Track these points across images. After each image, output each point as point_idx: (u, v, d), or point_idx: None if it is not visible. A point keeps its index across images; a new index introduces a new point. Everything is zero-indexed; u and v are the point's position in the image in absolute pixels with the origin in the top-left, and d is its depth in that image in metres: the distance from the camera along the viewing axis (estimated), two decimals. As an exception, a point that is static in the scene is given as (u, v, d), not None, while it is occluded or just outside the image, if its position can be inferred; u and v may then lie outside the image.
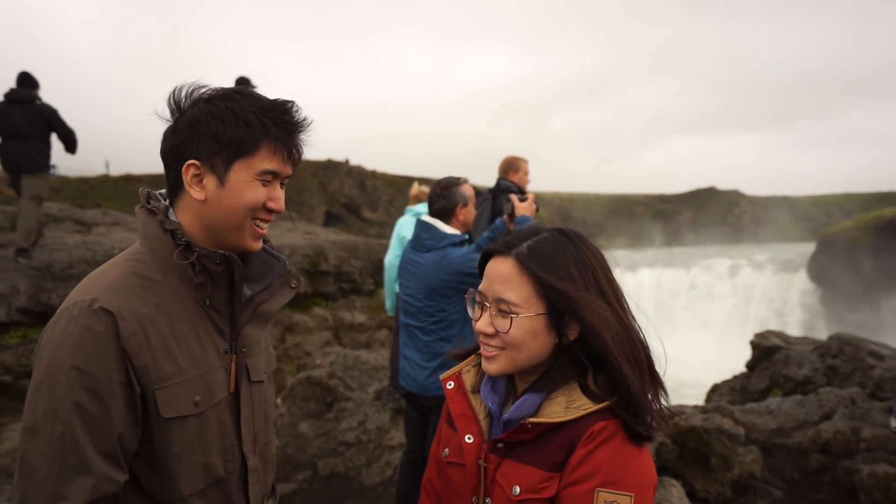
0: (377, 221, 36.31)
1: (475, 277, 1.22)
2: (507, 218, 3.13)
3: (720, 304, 22.88)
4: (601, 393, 1.08)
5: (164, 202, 1.18)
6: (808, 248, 27.95)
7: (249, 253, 1.21)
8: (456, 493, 1.20)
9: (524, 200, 3.19)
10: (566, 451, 1.06)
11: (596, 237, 1.22)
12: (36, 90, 6.24)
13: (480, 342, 1.16)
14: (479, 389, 1.23)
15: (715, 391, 6.63)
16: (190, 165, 1.11)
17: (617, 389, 1.06)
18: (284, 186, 1.20)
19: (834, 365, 5.67)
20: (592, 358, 1.10)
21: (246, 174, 1.12)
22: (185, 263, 1.12)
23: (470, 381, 1.25)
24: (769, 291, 22.58)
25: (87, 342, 1.01)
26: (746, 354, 6.64)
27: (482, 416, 1.20)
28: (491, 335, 1.12)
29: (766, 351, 6.32)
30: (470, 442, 1.16)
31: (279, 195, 1.17)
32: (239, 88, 1.15)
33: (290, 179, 1.21)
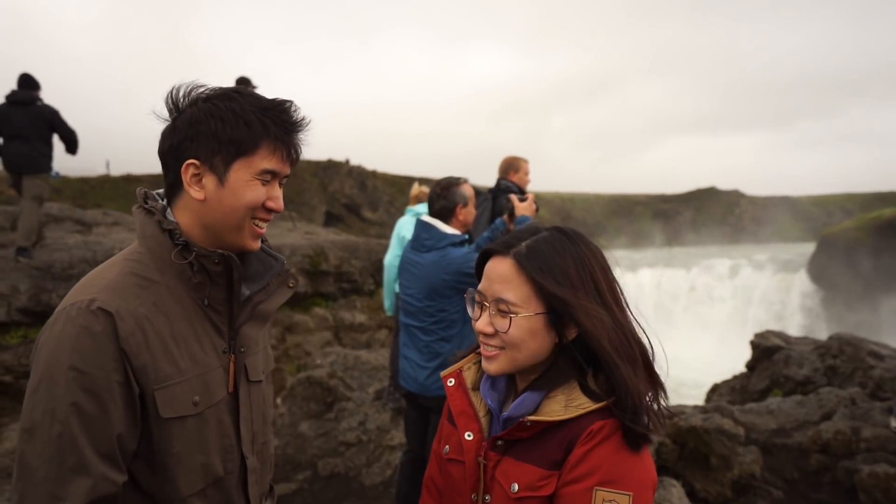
0: (377, 221, 36.28)
1: (475, 277, 1.22)
2: (506, 218, 3.13)
3: (720, 304, 22.87)
4: (601, 392, 1.08)
5: (161, 202, 1.18)
6: (808, 248, 27.93)
7: (248, 252, 1.21)
8: (456, 489, 1.20)
9: (524, 200, 3.19)
10: (565, 449, 1.06)
11: (596, 237, 1.22)
12: (37, 91, 6.27)
13: (480, 342, 1.16)
14: (479, 387, 1.23)
15: (715, 391, 6.63)
16: (189, 165, 1.11)
17: (616, 389, 1.06)
18: (282, 186, 1.20)
19: (834, 365, 5.67)
20: (592, 357, 1.10)
21: (246, 173, 1.12)
22: (183, 263, 1.12)
23: (470, 378, 1.25)
24: (769, 291, 22.57)
25: (85, 342, 1.01)
26: (746, 354, 6.64)
27: (482, 413, 1.20)
28: (490, 335, 1.12)
29: (766, 351, 6.32)
30: (470, 439, 1.16)
31: (278, 194, 1.17)
32: (237, 88, 1.15)
33: (290, 179, 1.21)
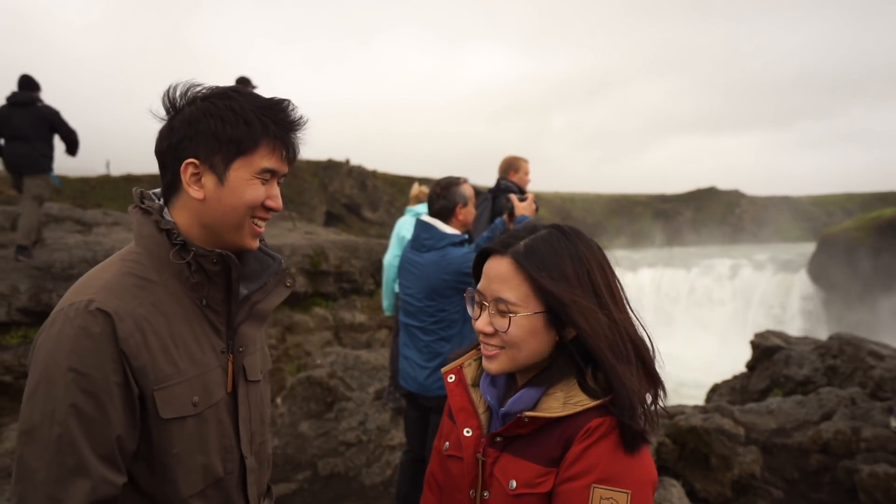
0: (378, 221, 36.28)
1: (473, 277, 1.22)
2: (506, 218, 3.13)
3: (720, 305, 22.87)
4: (600, 390, 1.07)
5: (158, 202, 1.17)
6: (808, 247, 27.92)
7: (245, 252, 1.20)
8: (455, 486, 1.19)
9: (524, 200, 3.19)
10: (563, 446, 1.06)
11: (596, 237, 1.21)
12: (37, 93, 6.31)
13: (480, 341, 1.16)
14: (479, 383, 1.22)
15: (715, 391, 6.63)
16: (189, 164, 1.10)
17: (612, 388, 1.06)
18: (280, 185, 1.20)
19: (834, 365, 5.67)
20: (591, 355, 1.10)
21: (245, 173, 1.12)
22: (181, 263, 1.11)
23: (471, 374, 1.24)
24: (770, 290, 22.57)
25: (83, 344, 1.00)
26: (746, 354, 6.64)
27: (482, 409, 1.19)
28: (490, 334, 1.12)
29: (766, 351, 6.32)
30: (468, 435, 1.16)
31: (277, 193, 1.17)
32: (235, 87, 1.15)
33: (290, 179, 1.21)
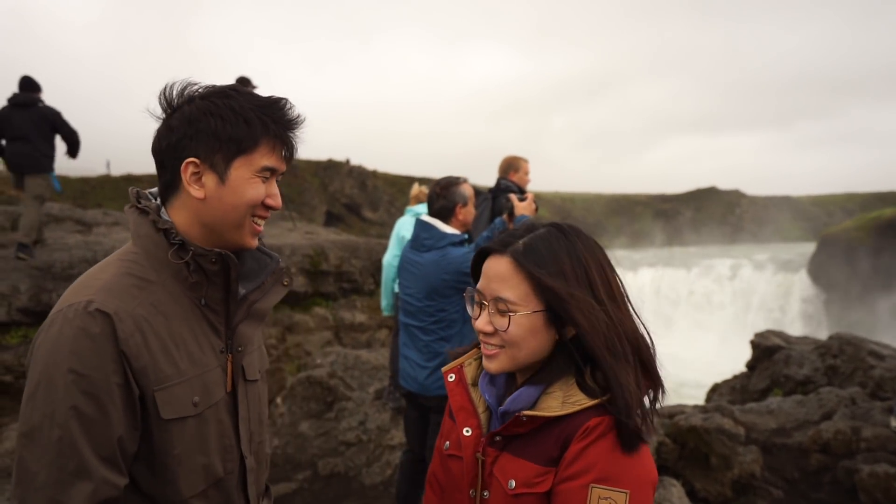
0: (378, 221, 36.26)
1: (472, 276, 1.22)
2: (506, 217, 3.13)
3: (720, 304, 22.87)
4: (599, 389, 1.07)
5: (155, 201, 1.17)
6: (808, 247, 27.91)
7: (243, 251, 1.20)
8: (456, 485, 1.19)
9: (524, 200, 3.19)
10: (561, 446, 1.05)
11: (596, 237, 1.21)
12: (38, 93, 6.37)
13: (480, 340, 1.16)
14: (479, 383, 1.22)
15: (715, 391, 6.63)
16: (189, 163, 1.10)
17: (610, 387, 1.06)
18: (279, 184, 1.20)
19: (834, 365, 5.67)
20: (590, 354, 1.09)
21: (246, 171, 1.11)
22: (179, 263, 1.11)
23: (471, 374, 1.24)
24: (770, 290, 22.56)
25: (83, 345, 0.99)
26: (747, 354, 6.64)
27: (481, 409, 1.19)
28: (490, 334, 1.12)
29: (766, 351, 6.32)
30: (468, 435, 1.16)
31: (276, 192, 1.17)
32: (233, 86, 1.15)
33: (290, 179, 1.21)
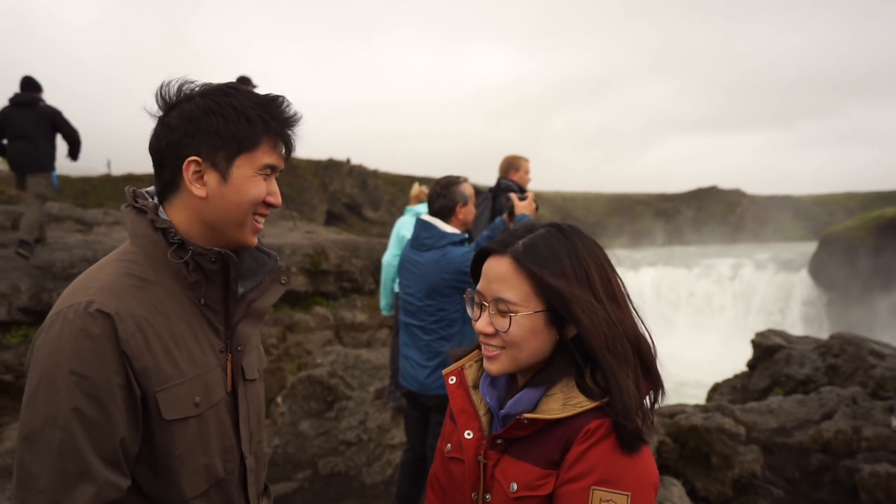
0: (379, 221, 36.24)
1: (472, 277, 1.22)
2: (506, 216, 3.13)
3: (721, 303, 22.85)
4: (599, 390, 1.06)
5: (152, 201, 1.16)
6: (809, 247, 27.88)
7: (241, 250, 1.19)
8: (457, 488, 1.19)
9: (524, 199, 3.18)
10: (563, 448, 1.05)
11: (597, 236, 1.20)
12: (39, 93, 6.41)
13: (481, 342, 1.15)
14: (480, 385, 1.22)
15: (716, 390, 6.62)
16: (191, 162, 1.09)
17: (609, 388, 1.05)
18: (278, 182, 1.20)
19: (835, 364, 5.66)
20: (590, 355, 1.09)
21: (248, 170, 1.11)
22: (179, 262, 1.10)
23: (472, 376, 1.24)
24: (771, 290, 22.54)
25: (84, 346, 0.98)
26: (747, 354, 6.63)
27: (482, 412, 1.19)
28: (491, 335, 1.11)
29: (767, 350, 6.30)
30: (469, 438, 1.15)
31: (276, 189, 1.17)
32: (232, 83, 1.14)
33: (291, 178, 1.20)
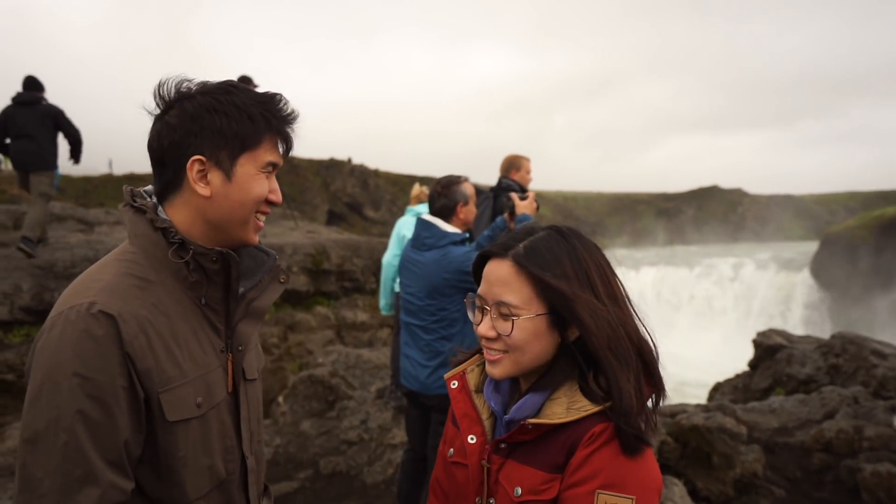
0: (380, 220, 36.27)
1: (473, 279, 1.21)
2: (507, 216, 3.12)
3: (722, 303, 22.83)
4: (602, 393, 1.06)
5: (151, 200, 1.15)
6: (810, 246, 27.85)
7: (240, 249, 1.19)
8: (460, 493, 1.19)
9: (525, 199, 3.18)
10: (567, 452, 1.05)
11: (598, 236, 1.20)
12: (41, 93, 6.43)
13: (483, 346, 1.15)
14: (482, 389, 1.21)
15: (717, 390, 6.61)
16: (195, 161, 1.08)
17: (612, 392, 1.05)
18: (279, 180, 1.20)
19: (837, 364, 5.65)
20: (592, 357, 1.08)
21: (252, 168, 1.11)
22: (180, 262, 1.09)
23: (474, 380, 1.23)
24: (772, 289, 22.52)
25: (87, 347, 0.97)
26: (749, 353, 6.63)
27: (485, 416, 1.19)
28: (493, 339, 1.11)
29: (768, 350, 6.30)
30: (473, 442, 1.15)
31: (277, 187, 1.17)
32: (231, 81, 1.14)
33: (292, 178, 1.21)
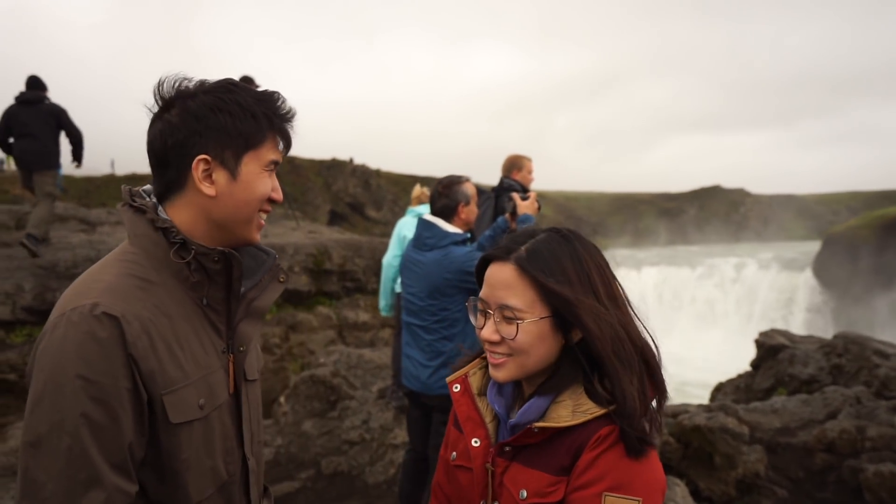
0: (381, 220, 36.28)
1: (475, 282, 1.21)
2: (509, 216, 3.12)
3: (724, 304, 22.81)
4: (607, 396, 1.06)
5: (150, 200, 1.14)
6: (813, 246, 27.81)
7: (241, 248, 1.18)
8: (464, 496, 1.18)
9: (526, 199, 3.17)
10: (573, 455, 1.05)
11: (600, 236, 1.20)
12: (44, 92, 6.45)
13: (486, 350, 1.14)
14: (485, 392, 1.21)
15: (719, 390, 6.60)
16: (200, 160, 1.07)
17: (615, 395, 1.05)
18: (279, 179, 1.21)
19: (839, 364, 5.64)
20: (596, 359, 1.08)
21: (255, 166, 1.11)
22: (181, 263, 1.08)
23: (476, 383, 1.23)
24: (774, 289, 22.49)
25: (91, 349, 0.95)
26: (751, 353, 6.62)
27: (489, 419, 1.18)
28: (497, 342, 1.10)
29: (770, 350, 6.29)
30: (477, 446, 1.15)
31: (278, 185, 1.17)
32: (231, 80, 1.14)
33: (294, 178, 1.21)
